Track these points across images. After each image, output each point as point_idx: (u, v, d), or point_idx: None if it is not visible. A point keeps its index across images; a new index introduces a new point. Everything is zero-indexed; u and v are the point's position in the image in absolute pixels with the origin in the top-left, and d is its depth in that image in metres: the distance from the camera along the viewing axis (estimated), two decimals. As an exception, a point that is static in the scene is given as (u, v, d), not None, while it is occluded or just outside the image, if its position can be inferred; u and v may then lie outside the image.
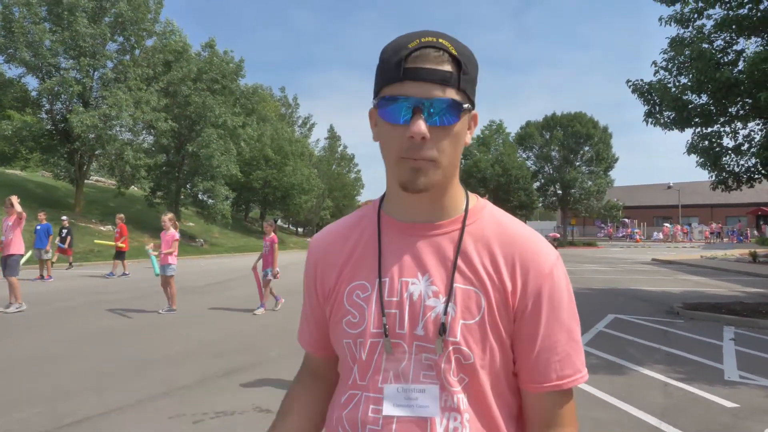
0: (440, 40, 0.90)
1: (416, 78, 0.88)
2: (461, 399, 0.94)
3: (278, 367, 6.00)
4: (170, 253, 9.57)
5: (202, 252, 27.58)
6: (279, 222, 51.66)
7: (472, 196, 1.06)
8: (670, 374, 5.88)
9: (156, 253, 9.78)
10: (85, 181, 28.54)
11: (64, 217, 17.37)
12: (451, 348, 0.94)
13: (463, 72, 0.90)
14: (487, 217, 1.03)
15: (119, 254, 15.94)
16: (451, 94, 0.89)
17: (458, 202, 1.03)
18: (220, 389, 5.20)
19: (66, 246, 16.49)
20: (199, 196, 31.82)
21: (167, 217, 9.72)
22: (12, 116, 28.02)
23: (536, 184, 47.01)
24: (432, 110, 0.89)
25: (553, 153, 47.00)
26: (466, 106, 0.91)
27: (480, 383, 0.95)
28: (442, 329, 0.93)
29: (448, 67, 0.89)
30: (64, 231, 16.41)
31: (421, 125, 0.88)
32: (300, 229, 58.00)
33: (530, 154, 48.45)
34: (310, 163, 48.18)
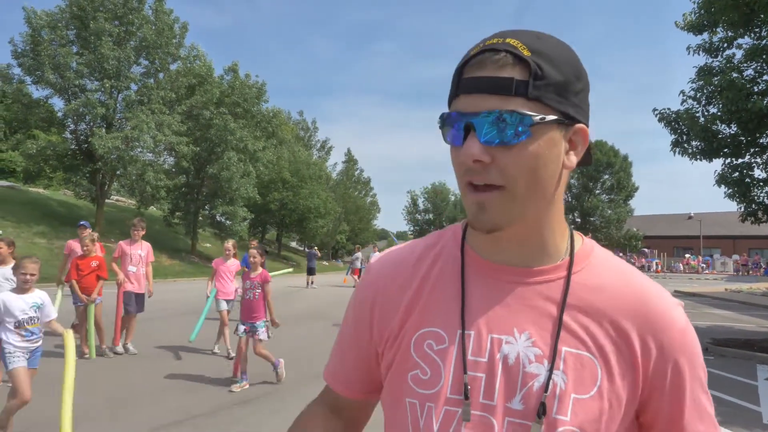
0: (507, 40, 0.72)
1: (469, 90, 0.73)
2: None
3: (293, 395, 5.82)
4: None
5: (218, 273, 27.54)
6: (294, 245, 51.76)
7: (577, 236, 0.86)
8: (705, 416, 5.59)
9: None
10: (106, 200, 28.89)
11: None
12: (560, 429, 0.73)
13: (536, 76, 0.71)
14: (599, 263, 0.83)
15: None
16: (516, 104, 0.71)
17: (559, 242, 0.83)
18: (234, 420, 5.04)
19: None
20: (217, 217, 32.01)
21: (230, 244, 8.28)
22: (37, 135, 28.59)
23: (554, 212, 46.68)
24: (486, 126, 0.71)
25: (572, 180, 46.74)
26: (539, 118, 0.71)
27: None
28: (542, 410, 0.74)
29: (508, 73, 0.71)
30: None
31: (471, 146, 0.72)
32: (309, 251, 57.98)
33: (549, 181, 48.25)
34: (328, 186, 48.41)
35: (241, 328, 6.19)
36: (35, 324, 4.28)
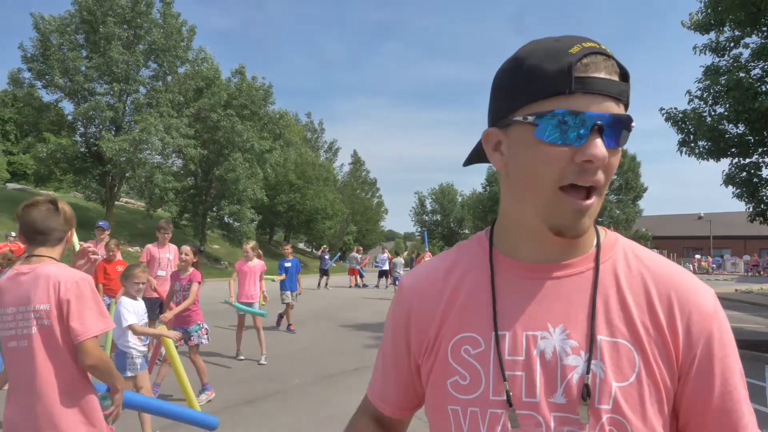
0: (603, 47, 0.75)
1: (592, 90, 0.72)
2: None
3: (302, 396, 5.86)
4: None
5: (227, 274, 27.70)
6: (301, 246, 51.85)
7: (600, 229, 0.88)
8: (712, 417, 5.58)
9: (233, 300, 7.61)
10: (115, 202, 29.12)
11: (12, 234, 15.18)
12: (604, 418, 0.74)
13: (629, 85, 0.76)
14: (624, 252, 0.84)
15: None
16: (623, 109, 0.75)
17: (589, 236, 0.84)
18: (244, 419, 5.08)
19: None
20: (225, 219, 32.16)
21: (250, 246, 8.11)
22: (48, 138, 28.88)
23: (562, 213, 46.43)
24: (613, 129, 0.74)
25: (580, 181, 46.58)
26: (634, 124, 0.76)
27: None
28: (586, 392, 0.74)
29: (618, 79, 0.74)
30: None
31: (602, 147, 0.73)
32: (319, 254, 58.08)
33: (557, 182, 48.03)
34: (335, 187, 48.47)
35: (195, 335, 5.72)
36: None
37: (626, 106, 0.76)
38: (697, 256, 50.80)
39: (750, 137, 9.87)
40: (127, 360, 4.24)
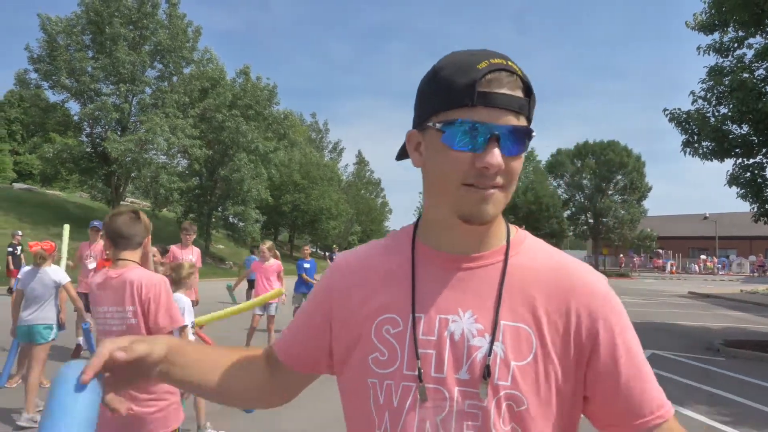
0: (509, 63, 0.83)
1: (492, 104, 0.81)
2: None
3: (307, 395, 5.90)
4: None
5: (232, 274, 27.80)
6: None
7: (512, 227, 0.98)
8: (713, 416, 5.61)
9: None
10: (121, 202, 29.27)
11: (19, 232, 15.73)
12: (502, 393, 0.84)
13: (532, 99, 0.85)
14: (531, 248, 0.95)
15: None
16: (523, 121, 0.84)
17: (500, 232, 0.94)
18: (248, 418, 5.14)
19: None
20: (230, 219, 32.28)
21: (267, 246, 8.12)
22: (54, 139, 29.08)
23: (567, 213, 46.30)
24: (510, 140, 0.82)
25: (585, 181, 46.36)
26: (534, 134, 0.86)
27: None
28: (487, 372, 0.84)
29: (520, 93, 0.83)
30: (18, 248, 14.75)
31: (497, 156, 0.81)
32: (328, 254, 58.19)
33: (561, 182, 47.90)
34: (339, 188, 48.53)
35: None
36: None
37: (528, 118, 0.85)
38: (703, 257, 50.58)
39: (754, 138, 9.88)
40: None
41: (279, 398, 1.10)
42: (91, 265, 7.42)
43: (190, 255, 7.50)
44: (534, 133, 0.86)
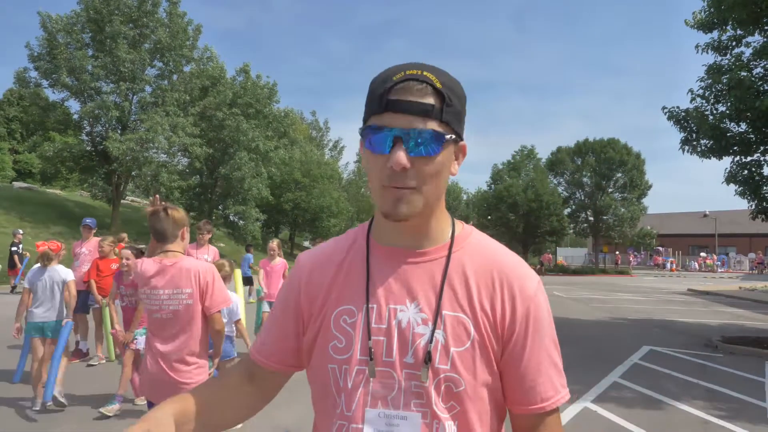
0: (425, 73, 0.92)
1: (398, 110, 0.90)
2: (450, 427, 0.94)
3: (308, 389, 5.95)
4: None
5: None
6: (307, 244, 51.99)
7: (458, 223, 1.07)
8: (710, 411, 5.67)
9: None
10: (121, 201, 29.32)
11: (20, 231, 15.98)
12: (441, 375, 0.94)
13: (447, 104, 0.92)
14: (473, 244, 1.04)
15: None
16: (433, 125, 0.90)
17: (444, 229, 1.04)
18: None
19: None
20: (230, 217, 32.32)
21: (276, 243, 7.99)
22: (54, 138, 29.09)
23: (567, 211, 46.29)
24: (414, 141, 0.90)
25: (585, 179, 46.35)
26: (448, 137, 0.92)
27: (470, 411, 0.95)
28: (428, 357, 0.94)
29: (430, 100, 0.90)
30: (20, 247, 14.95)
31: (401, 156, 0.89)
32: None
33: (561, 180, 47.87)
34: (340, 186, 48.54)
35: (141, 339, 4.95)
36: None
37: (444, 121, 0.92)
38: (702, 254, 50.63)
39: (752, 136, 9.92)
40: (227, 344, 5.03)
41: (262, 401, 1.18)
42: (85, 267, 7.21)
43: (205, 255, 7.23)
44: (449, 137, 0.92)
